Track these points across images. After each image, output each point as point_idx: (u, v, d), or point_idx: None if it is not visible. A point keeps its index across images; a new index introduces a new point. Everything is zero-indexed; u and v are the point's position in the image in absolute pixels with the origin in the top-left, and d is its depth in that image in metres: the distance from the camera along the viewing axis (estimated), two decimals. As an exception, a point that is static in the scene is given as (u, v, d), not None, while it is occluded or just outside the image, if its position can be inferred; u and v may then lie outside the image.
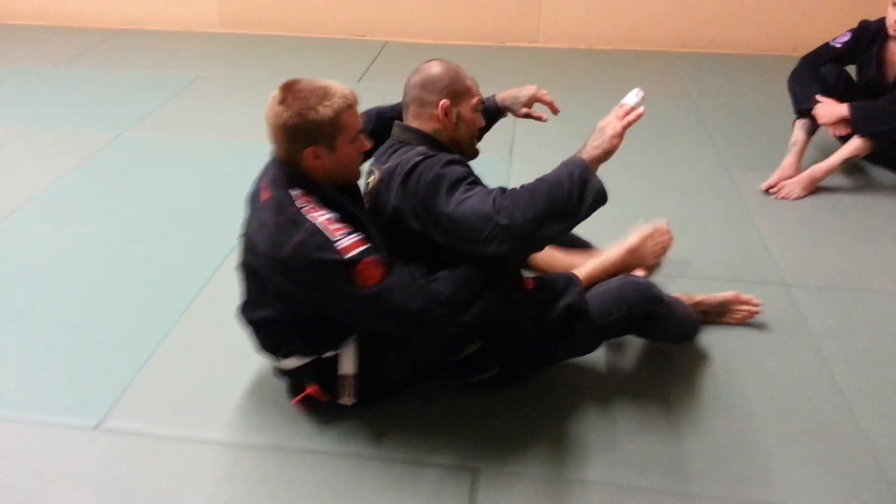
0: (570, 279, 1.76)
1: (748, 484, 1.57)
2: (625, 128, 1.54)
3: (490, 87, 3.84)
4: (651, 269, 2.06)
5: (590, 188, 1.46)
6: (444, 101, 1.65)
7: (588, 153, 1.51)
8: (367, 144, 1.60)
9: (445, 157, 1.57)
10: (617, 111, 1.57)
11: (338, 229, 1.46)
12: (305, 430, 1.70)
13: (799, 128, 2.88)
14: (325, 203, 1.52)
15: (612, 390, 1.82)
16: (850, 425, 1.73)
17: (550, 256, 2.03)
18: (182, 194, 2.79)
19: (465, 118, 1.69)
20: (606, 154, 1.52)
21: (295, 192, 1.51)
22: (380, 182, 1.64)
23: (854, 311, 2.13)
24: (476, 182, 1.53)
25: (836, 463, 1.62)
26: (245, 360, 1.88)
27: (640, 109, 1.59)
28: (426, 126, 1.68)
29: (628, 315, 1.74)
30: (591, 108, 3.60)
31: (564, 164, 1.50)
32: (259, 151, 1.70)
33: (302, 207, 1.48)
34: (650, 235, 2.01)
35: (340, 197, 1.56)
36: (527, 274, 1.82)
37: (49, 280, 2.26)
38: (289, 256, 1.45)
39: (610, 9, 4.56)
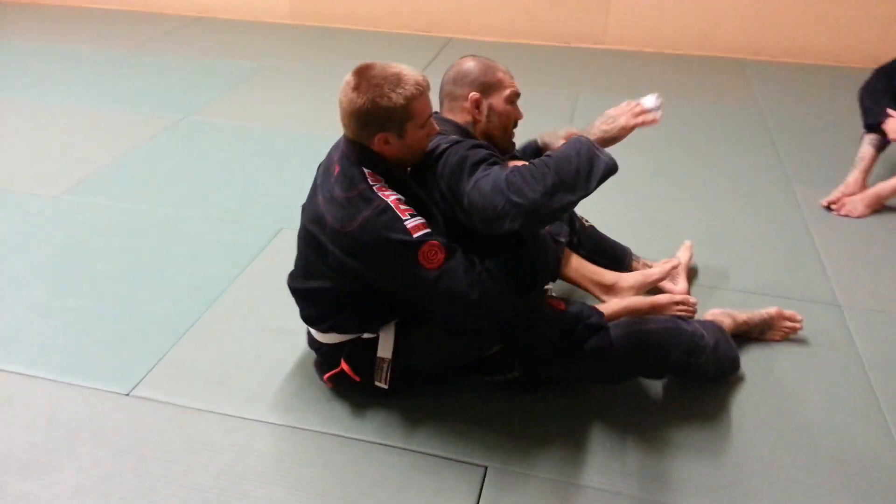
0: (594, 309, 1.71)
1: (768, 506, 1.50)
2: (636, 125, 1.59)
3: (553, 88, 3.86)
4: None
5: (598, 161, 1.47)
6: (473, 94, 1.68)
7: (595, 134, 1.58)
8: (436, 128, 1.60)
9: (472, 141, 1.59)
10: (631, 106, 1.61)
11: (406, 210, 1.49)
12: (324, 413, 1.72)
13: (867, 143, 2.74)
14: (393, 184, 1.54)
15: (635, 401, 1.77)
16: (891, 456, 1.63)
17: (580, 266, 2.00)
18: (236, 177, 2.87)
19: (497, 110, 1.70)
20: (612, 141, 1.60)
21: (366, 171, 1.53)
22: (413, 169, 1.65)
23: (908, 338, 2.02)
24: (496, 163, 1.53)
25: (866, 492, 1.54)
26: (278, 340, 1.93)
27: (656, 115, 1.57)
28: (459, 119, 1.70)
29: (664, 361, 1.69)
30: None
31: (571, 143, 1.50)
32: (315, 141, 1.75)
33: (373, 185, 1.51)
34: (676, 303, 1.90)
35: (409, 179, 1.59)
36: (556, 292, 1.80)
37: (101, 251, 2.36)
38: (356, 231, 1.48)
39: (681, 12, 4.44)
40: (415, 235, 1.46)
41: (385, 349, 1.64)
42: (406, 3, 4.80)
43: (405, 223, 1.47)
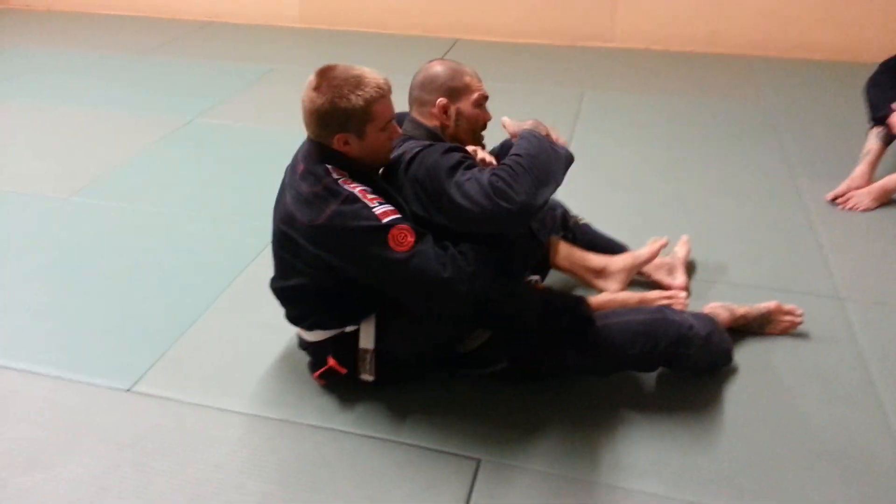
0: (579, 299, 1.76)
1: (760, 499, 1.49)
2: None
3: (558, 87, 3.85)
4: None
5: (560, 154, 1.58)
6: (441, 100, 1.70)
7: (543, 130, 1.65)
8: (399, 132, 1.64)
9: (444, 145, 1.62)
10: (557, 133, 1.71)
11: (374, 198, 1.52)
12: (318, 408, 1.73)
13: (874, 136, 2.72)
14: (357, 178, 1.57)
15: (629, 394, 1.77)
16: (890, 450, 1.61)
17: (570, 253, 2.01)
18: (241, 179, 2.90)
19: (466, 114, 1.72)
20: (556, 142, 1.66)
21: (329, 166, 1.56)
22: (385, 171, 1.69)
23: (910, 331, 1.99)
24: (472, 165, 1.56)
25: (864, 487, 1.52)
26: (274, 339, 1.95)
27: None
28: (429, 123, 1.72)
29: (652, 351, 1.67)
30: (662, 110, 3.55)
31: (531, 139, 1.57)
32: None
33: (338, 179, 1.54)
34: (666, 297, 1.92)
35: (371, 173, 1.61)
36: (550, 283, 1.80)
37: (107, 251, 2.39)
38: (326, 223, 1.51)
39: (690, 9, 4.42)
40: (384, 220, 1.48)
41: (366, 340, 1.66)
42: (414, 4, 4.82)
43: (373, 210, 1.50)
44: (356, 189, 1.52)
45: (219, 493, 1.52)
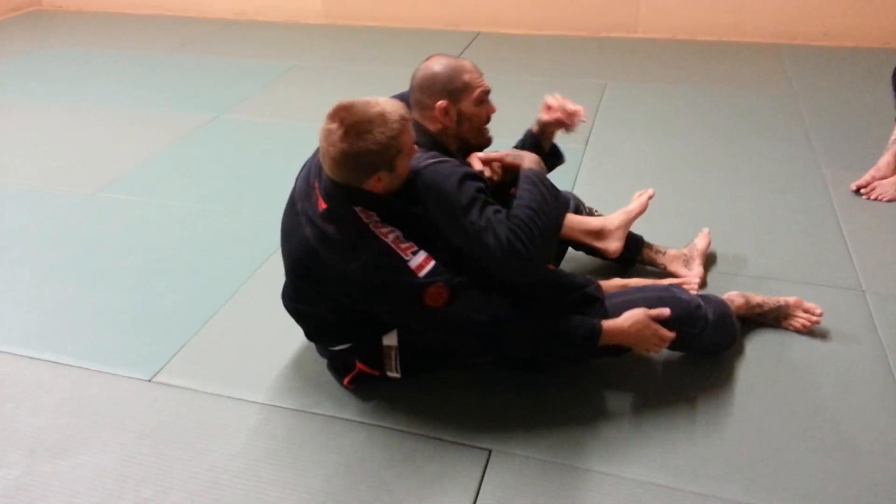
0: (588, 280, 1.74)
1: (771, 491, 1.48)
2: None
3: (580, 78, 3.83)
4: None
5: (561, 199, 1.62)
6: (441, 103, 1.63)
7: (540, 166, 1.65)
8: (416, 149, 1.58)
9: (457, 169, 1.55)
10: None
11: (407, 248, 1.48)
12: (333, 398, 1.76)
13: (901, 125, 2.66)
14: (386, 216, 1.52)
15: (639, 386, 1.77)
16: (906, 444, 1.59)
17: (568, 219, 2.01)
18: (264, 174, 2.94)
19: (468, 113, 1.66)
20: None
21: (356, 208, 1.51)
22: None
23: (934, 323, 1.95)
24: (487, 201, 1.52)
25: (881, 481, 1.50)
26: (292, 330, 1.95)
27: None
28: (430, 126, 1.67)
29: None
30: (685, 100, 3.51)
31: (532, 189, 1.56)
32: None
33: (368, 223, 1.49)
34: (678, 283, 1.89)
35: (398, 201, 1.55)
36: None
37: (131, 245, 2.45)
38: (357, 273, 1.50)
39: (715, -2, 4.36)
40: (420, 275, 1.47)
41: (390, 337, 1.67)
42: (435, -2, 4.83)
43: (408, 263, 1.47)
44: (389, 237, 1.48)
45: (235, 480, 1.55)
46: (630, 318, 1.60)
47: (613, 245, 2.02)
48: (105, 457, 1.63)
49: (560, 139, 1.91)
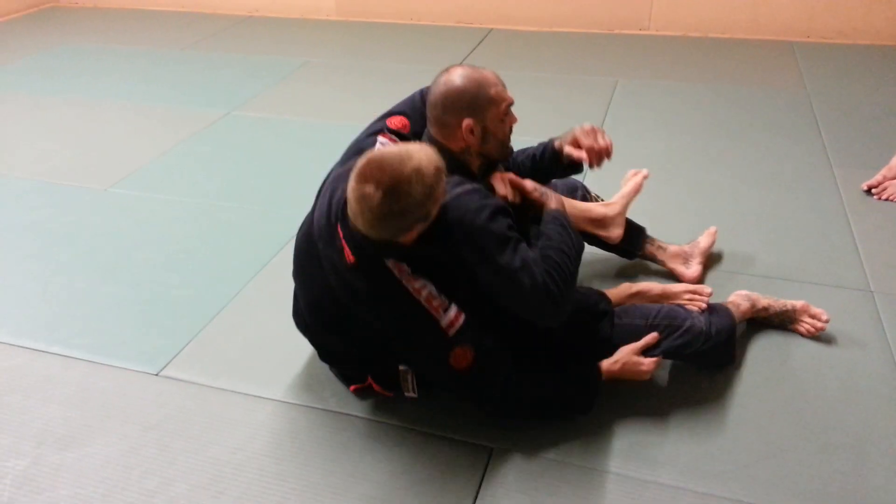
0: (601, 295, 1.75)
1: (774, 490, 1.48)
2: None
3: (591, 75, 3.82)
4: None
5: (581, 241, 1.61)
6: (467, 122, 1.53)
7: (563, 205, 1.65)
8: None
9: (485, 203, 1.48)
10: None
11: (439, 305, 1.46)
12: (338, 395, 1.77)
13: (914, 123, 2.63)
14: (417, 265, 1.48)
15: (645, 384, 1.75)
16: (911, 445, 1.58)
17: (571, 207, 1.96)
18: (274, 169, 2.96)
19: (493, 130, 1.57)
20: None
21: (388, 262, 1.46)
22: None
23: (942, 324, 1.93)
24: (520, 239, 1.49)
25: (883, 481, 1.49)
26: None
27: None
28: (452, 144, 1.57)
29: (653, 348, 1.68)
30: (697, 98, 3.49)
31: (562, 231, 1.56)
32: (353, 134, 1.72)
33: (401, 279, 1.46)
34: (688, 291, 1.86)
35: (427, 248, 1.49)
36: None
37: (142, 240, 2.48)
38: (388, 328, 1.51)
39: (729, -5, 4.33)
40: (451, 334, 1.46)
41: None
42: (448, -5, 4.83)
43: (440, 322, 1.45)
44: (422, 294, 1.46)
45: (238, 473, 1.57)
46: (619, 360, 1.64)
47: (615, 232, 2.03)
48: (111, 449, 1.65)
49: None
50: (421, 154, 1.38)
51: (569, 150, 1.72)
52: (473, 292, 1.51)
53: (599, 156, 1.70)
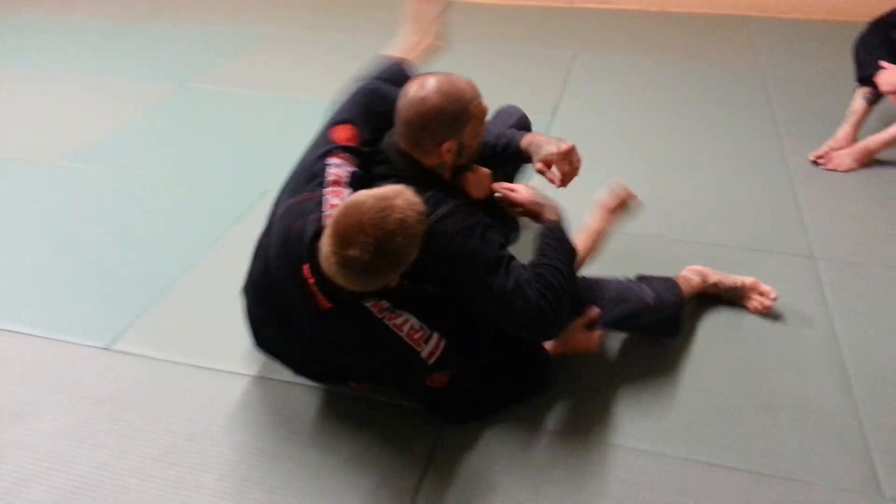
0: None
1: (717, 449, 1.54)
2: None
3: (549, 49, 3.83)
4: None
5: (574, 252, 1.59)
6: (447, 145, 1.49)
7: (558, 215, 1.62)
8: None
9: (471, 222, 1.47)
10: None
11: (420, 336, 1.43)
12: (291, 365, 1.78)
13: (860, 96, 2.69)
14: (397, 299, 1.44)
15: (594, 361, 1.80)
16: (847, 408, 1.64)
17: None
18: (228, 143, 2.92)
19: (468, 144, 1.53)
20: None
21: (367, 303, 1.41)
22: None
23: (878, 290, 2.01)
24: (511, 257, 1.49)
25: (818, 434, 1.56)
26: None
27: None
28: (426, 161, 1.52)
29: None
30: (654, 72, 3.53)
31: (557, 247, 1.54)
32: (309, 107, 1.70)
33: (381, 318, 1.41)
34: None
35: (410, 285, 1.49)
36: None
37: (93, 215, 2.44)
38: (371, 363, 1.49)
39: (686, -30, 4.35)
40: (430, 363, 1.44)
41: None
42: (407, -33, 4.76)
43: (420, 354, 1.43)
44: (403, 329, 1.42)
45: (191, 444, 1.58)
46: (567, 339, 1.66)
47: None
48: (60, 423, 1.64)
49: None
50: (400, 201, 1.31)
51: (540, 167, 1.69)
52: (457, 314, 1.51)
53: (571, 178, 1.71)
